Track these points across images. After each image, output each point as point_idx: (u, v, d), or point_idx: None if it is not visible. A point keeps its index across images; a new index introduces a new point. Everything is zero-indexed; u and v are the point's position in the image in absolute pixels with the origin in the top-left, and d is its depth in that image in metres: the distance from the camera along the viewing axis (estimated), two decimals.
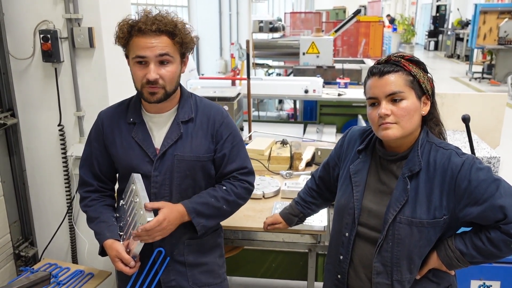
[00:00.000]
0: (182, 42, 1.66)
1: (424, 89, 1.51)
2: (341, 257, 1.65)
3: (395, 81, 1.47)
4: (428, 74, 1.54)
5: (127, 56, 1.69)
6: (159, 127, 1.76)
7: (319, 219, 2.19)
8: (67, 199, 2.76)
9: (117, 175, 1.89)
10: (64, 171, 2.71)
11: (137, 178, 1.71)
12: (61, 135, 2.65)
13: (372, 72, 1.52)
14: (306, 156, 3.02)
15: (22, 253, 2.70)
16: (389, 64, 1.49)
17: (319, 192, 1.96)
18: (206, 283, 1.85)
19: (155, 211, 1.64)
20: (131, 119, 1.76)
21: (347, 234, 1.63)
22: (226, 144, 1.80)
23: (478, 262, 1.55)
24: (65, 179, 2.73)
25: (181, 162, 1.73)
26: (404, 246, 1.51)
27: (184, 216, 1.70)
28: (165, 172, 1.72)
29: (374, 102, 1.51)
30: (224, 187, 1.80)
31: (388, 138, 1.50)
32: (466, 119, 2.25)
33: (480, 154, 2.87)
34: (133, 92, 1.78)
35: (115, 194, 1.94)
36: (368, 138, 1.67)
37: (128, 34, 1.62)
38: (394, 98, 1.47)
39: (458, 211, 1.48)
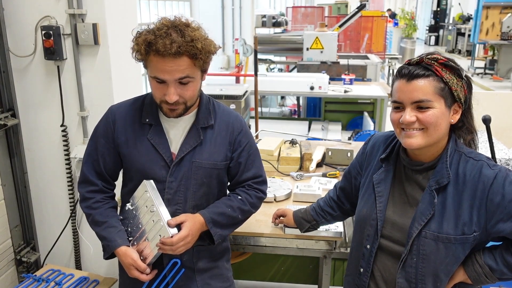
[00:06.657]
0: (203, 62, 1.55)
1: (456, 97, 1.39)
2: (361, 269, 1.58)
3: (423, 87, 1.35)
4: (463, 80, 1.41)
5: (145, 67, 1.58)
6: (176, 131, 1.70)
7: (335, 225, 2.11)
8: (70, 203, 2.67)
9: (123, 175, 1.80)
10: (67, 173, 2.62)
11: (150, 185, 1.64)
12: (64, 136, 2.56)
13: (400, 73, 1.41)
14: (317, 156, 2.95)
15: (24, 259, 2.62)
16: (420, 67, 1.37)
17: (338, 204, 1.88)
18: (215, 287, 1.82)
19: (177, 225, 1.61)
20: (147, 120, 1.68)
21: (368, 246, 1.55)
22: (244, 152, 1.77)
23: (507, 279, 1.47)
24: (68, 182, 2.63)
25: (199, 169, 1.68)
26: (430, 263, 1.43)
27: (203, 226, 1.67)
28: (181, 178, 1.67)
29: (399, 106, 1.41)
30: (239, 197, 1.77)
31: (411, 147, 1.41)
32: (487, 120, 2.13)
33: (498, 156, 2.78)
34: (139, 91, 1.68)
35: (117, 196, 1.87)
36: (391, 145, 1.58)
37: (146, 53, 1.50)
38: (420, 106, 1.37)
39: (490, 227, 1.39)
